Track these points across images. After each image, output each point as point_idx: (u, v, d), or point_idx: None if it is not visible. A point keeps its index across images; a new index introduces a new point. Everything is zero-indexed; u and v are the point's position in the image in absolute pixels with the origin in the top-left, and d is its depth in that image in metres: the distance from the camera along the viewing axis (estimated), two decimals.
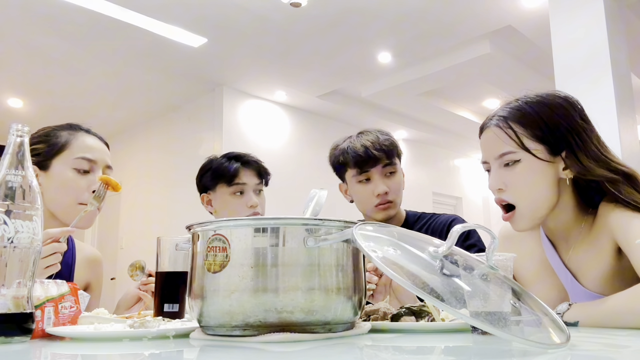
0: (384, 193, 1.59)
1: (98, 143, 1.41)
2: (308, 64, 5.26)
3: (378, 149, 1.58)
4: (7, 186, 0.75)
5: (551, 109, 1.11)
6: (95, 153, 1.37)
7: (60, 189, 1.31)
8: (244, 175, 1.77)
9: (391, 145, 1.61)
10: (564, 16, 3.59)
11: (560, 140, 1.09)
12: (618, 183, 1.07)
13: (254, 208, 1.76)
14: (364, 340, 0.77)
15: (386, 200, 1.60)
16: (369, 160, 1.58)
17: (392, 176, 1.62)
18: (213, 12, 4.24)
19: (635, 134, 3.55)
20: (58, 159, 1.33)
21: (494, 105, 6.55)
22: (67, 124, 1.40)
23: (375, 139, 1.60)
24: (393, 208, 1.62)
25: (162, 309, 0.99)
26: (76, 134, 1.37)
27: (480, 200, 8.76)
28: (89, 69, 5.18)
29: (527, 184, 1.10)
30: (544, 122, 1.10)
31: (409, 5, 4.19)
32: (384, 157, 1.59)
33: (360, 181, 1.62)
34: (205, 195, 1.83)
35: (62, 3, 4.02)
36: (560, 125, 1.10)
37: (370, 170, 1.60)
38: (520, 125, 1.11)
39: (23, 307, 0.74)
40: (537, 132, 1.10)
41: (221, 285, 0.74)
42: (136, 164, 6.70)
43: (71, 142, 1.35)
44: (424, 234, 0.89)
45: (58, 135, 1.35)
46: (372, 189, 1.60)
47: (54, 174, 1.31)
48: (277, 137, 6.20)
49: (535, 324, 0.71)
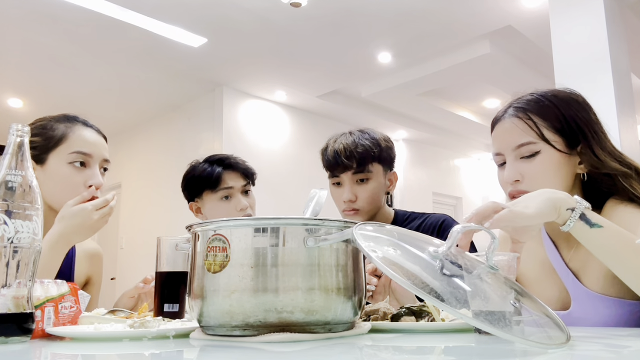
0: (349, 200, 1.56)
1: (95, 136, 1.39)
2: (308, 64, 5.26)
3: (348, 156, 1.53)
4: (7, 186, 0.75)
5: (567, 102, 1.12)
6: (92, 147, 1.35)
7: (57, 184, 1.30)
8: (228, 179, 1.73)
9: (365, 152, 1.55)
10: (564, 16, 3.59)
11: (577, 133, 1.10)
12: (630, 178, 1.08)
13: (244, 211, 1.72)
14: (364, 340, 0.77)
15: (352, 208, 1.57)
16: (337, 166, 1.56)
17: (364, 183, 1.57)
18: (213, 12, 4.24)
19: (635, 134, 3.55)
20: (55, 153, 1.31)
21: (494, 105, 6.56)
22: (64, 116, 1.38)
23: (351, 143, 1.55)
24: (359, 216, 1.59)
25: (162, 309, 0.99)
26: (73, 126, 1.35)
27: (480, 200, 8.76)
28: (89, 69, 5.18)
29: (546, 175, 1.10)
30: (562, 115, 1.11)
31: (409, 5, 4.19)
32: (354, 164, 1.54)
33: (334, 184, 1.61)
34: (194, 204, 1.79)
35: (63, 3, 4.02)
36: (577, 118, 1.11)
37: (341, 176, 1.58)
38: (539, 116, 1.11)
39: (23, 307, 0.74)
40: (556, 124, 1.10)
41: (221, 285, 0.74)
42: (136, 164, 6.70)
43: (68, 136, 1.32)
44: (424, 234, 0.89)
45: (55, 127, 1.33)
46: (341, 194, 1.58)
47: (50, 169, 1.30)
48: (277, 137, 6.20)
49: (536, 324, 0.71)
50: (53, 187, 1.29)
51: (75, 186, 1.30)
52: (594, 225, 0.87)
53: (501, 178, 1.16)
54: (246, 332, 0.73)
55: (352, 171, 1.55)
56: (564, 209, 0.87)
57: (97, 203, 1.25)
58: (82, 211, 1.22)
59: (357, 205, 1.56)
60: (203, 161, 1.79)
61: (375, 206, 1.60)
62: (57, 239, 1.20)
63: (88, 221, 1.22)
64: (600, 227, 0.87)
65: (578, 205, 0.87)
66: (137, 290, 1.41)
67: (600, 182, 1.12)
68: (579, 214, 0.87)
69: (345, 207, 1.58)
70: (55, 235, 1.20)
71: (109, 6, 4.12)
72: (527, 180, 1.11)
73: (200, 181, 1.74)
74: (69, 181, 1.30)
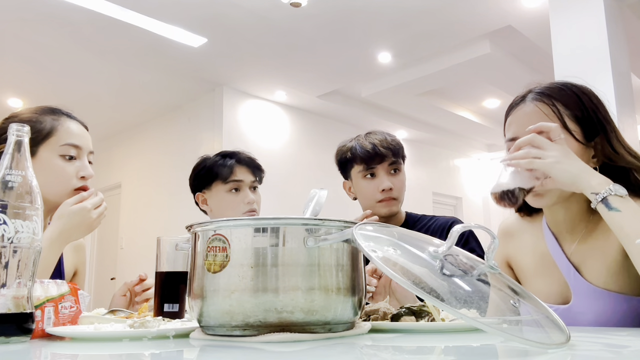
0: (389, 189, 1.66)
1: (81, 129, 1.42)
2: (308, 64, 5.26)
3: (385, 147, 1.66)
4: (6, 186, 0.75)
5: (587, 95, 1.13)
6: (80, 139, 1.38)
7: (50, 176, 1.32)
8: (239, 172, 1.79)
9: (398, 145, 1.71)
10: (564, 16, 3.60)
11: (597, 125, 1.10)
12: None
13: (251, 204, 1.77)
14: (364, 340, 0.77)
15: (389, 197, 1.67)
16: (375, 156, 1.66)
17: (397, 174, 1.70)
18: (213, 12, 4.24)
19: (635, 134, 3.56)
20: (44, 145, 1.33)
21: (494, 105, 6.56)
22: (48, 108, 1.40)
23: (383, 138, 1.69)
24: (395, 205, 1.68)
25: (162, 309, 0.99)
26: (60, 119, 1.38)
27: (480, 200, 8.76)
28: (89, 68, 5.18)
29: None
30: (583, 105, 1.11)
31: (409, 5, 4.20)
32: (391, 154, 1.67)
33: (366, 176, 1.69)
34: (200, 195, 1.83)
35: (63, 3, 4.02)
36: (597, 110, 1.11)
37: (376, 167, 1.68)
38: (562, 104, 1.11)
39: (23, 307, 0.74)
40: (577, 112, 1.10)
41: (221, 285, 0.74)
42: (136, 164, 6.70)
43: (57, 128, 1.35)
44: (424, 234, 0.89)
45: (41, 120, 1.35)
46: (377, 185, 1.67)
47: (41, 161, 1.32)
48: (277, 137, 6.21)
49: (535, 324, 0.71)
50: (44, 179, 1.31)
51: (67, 177, 1.33)
52: (612, 209, 0.94)
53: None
54: (246, 332, 0.73)
55: (389, 162, 1.67)
56: (589, 192, 0.96)
57: (95, 202, 1.29)
58: (81, 210, 1.26)
59: (393, 194, 1.67)
60: (215, 155, 1.85)
61: (403, 198, 1.72)
62: (57, 237, 1.23)
63: (87, 220, 1.27)
64: (618, 212, 0.94)
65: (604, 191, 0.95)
66: (126, 286, 1.43)
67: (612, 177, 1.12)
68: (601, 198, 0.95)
69: (383, 196, 1.67)
70: (54, 233, 1.23)
71: (109, 6, 4.12)
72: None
73: (212, 172, 1.79)
74: (60, 173, 1.33)
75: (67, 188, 1.33)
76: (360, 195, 1.72)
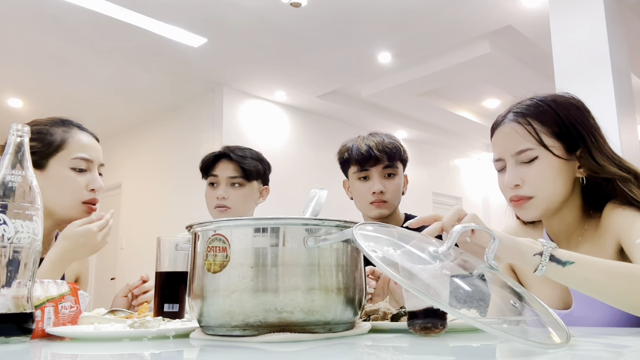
0: (379, 192, 1.66)
1: (92, 141, 1.42)
2: (308, 64, 5.26)
3: (381, 150, 1.66)
4: (7, 186, 0.75)
5: (567, 107, 1.13)
6: (91, 152, 1.38)
7: (60, 188, 1.32)
8: (218, 168, 1.84)
9: (394, 148, 1.69)
10: (564, 16, 3.60)
11: (576, 138, 1.11)
12: (629, 182, 1.08)
13: (219, 200, 1.79)
14: (364, 340, 0.77)
15: (380, 199, 1.67)
16: (370, 159, 1.66)
17: (391, 178, 1.70)
18: (213, 12, 4.24)
19: (635, 134, 3.55)
20: (55, 158, 1.33)
21: (494, 105, 6.56)
22: (59, 120, 1.40)
23: (380, 140, 1.69)
24: (387, 208, 1.68)
25: (162, 309, 0.99)
26: (71, 131, 1.37)
27: (480, 201, 8.76)
28: (89, 69, 5.18)
29: (545, 179, 1.10)
30: (561, 120, 1.11)
31: (408, 5, 4.19)
32: (385, 158, 1.66)
33: (360, 178, 1.70)
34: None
35: (63, 3, 4.02)
36: (576, 123, 1.11)
37: (370, 169, 1.68)
38: (538, 121, 1.12)
39: (23, 307, 0.74)
40: (555, 129, 1.11)
41: (221, 285, 0.74)
42: (136, 164, 6.70)
43: (67, 141, 1.35)
44: (424, 235, 0.89)
45: (52, 132, 1.34)
46: (369, 187, 1.68)
47: (51, 174, 1.32)
48: (277, 137, 6.20)
49: (536, 324, 0.71)
50: (55, 191, 1.31)
51: (77, 190, 1.34)
52: (566, 264, 0.86)
53: (502, 183, 1.17)
54: (246, 332, 0.73)
55: (383, 165, 1.68)
56: (531, 255, 0.85)
57: (101, 224, 1.29)
58: (87, 232, 1.27)
59: (385, 197, 1.67)
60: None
61: (398, 201, 1.72)
62: (61, 256, 1.24)
63: (92, 241, 1.27)
64: (572, 264, 0.86)
65: (545, 248, 0.86)
66: (127, 287, 1.43)
67: (600, 186, 1.13)
68: (549, 256, 0.85)
69: (374, 198, 1.67)
70: (58, 254, 1.24)
71: (109, 6, 4.12)
72: (527, 185, 1.12)
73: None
74: (71, 185, 1.33)
75: (77, 200, 1.33)
76: (354, 196, 1.75)
